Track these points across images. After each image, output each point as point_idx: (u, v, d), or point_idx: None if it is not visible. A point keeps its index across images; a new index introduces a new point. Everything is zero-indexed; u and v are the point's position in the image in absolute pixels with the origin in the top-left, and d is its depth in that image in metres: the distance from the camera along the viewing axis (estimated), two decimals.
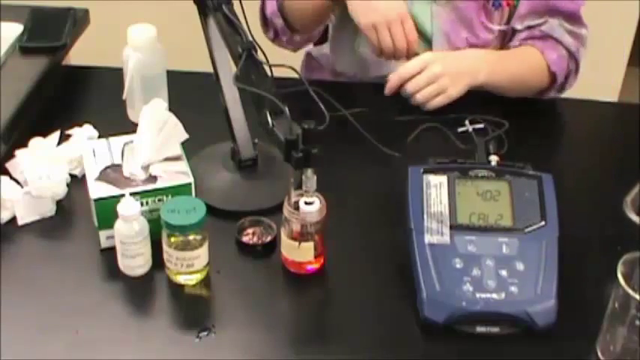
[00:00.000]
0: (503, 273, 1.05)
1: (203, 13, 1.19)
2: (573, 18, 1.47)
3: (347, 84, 1.55)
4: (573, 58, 1.46)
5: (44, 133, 1.28)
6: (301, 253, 1.10)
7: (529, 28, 1.45)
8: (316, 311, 1.10)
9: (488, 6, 1.42)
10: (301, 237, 1.09)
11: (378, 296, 1.10)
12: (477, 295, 1.03)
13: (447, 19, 1.42)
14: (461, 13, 1.42)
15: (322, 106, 1.04)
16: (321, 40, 1.65)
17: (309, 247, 1.09)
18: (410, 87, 1.36)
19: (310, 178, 1.04)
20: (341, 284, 1.12)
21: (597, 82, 2.40)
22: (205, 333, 1.04)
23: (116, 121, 1.36)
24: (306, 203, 1.06)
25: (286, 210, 1.08)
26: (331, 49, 1.60)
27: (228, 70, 1.23)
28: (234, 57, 1.14)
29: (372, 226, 1.19)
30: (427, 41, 1.44)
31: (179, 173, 1.16)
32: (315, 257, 1.10)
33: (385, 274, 1.13)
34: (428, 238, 1.09)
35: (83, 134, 1.30)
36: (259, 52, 1.12)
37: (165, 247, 1.09)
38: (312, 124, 1.01)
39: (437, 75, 1.35)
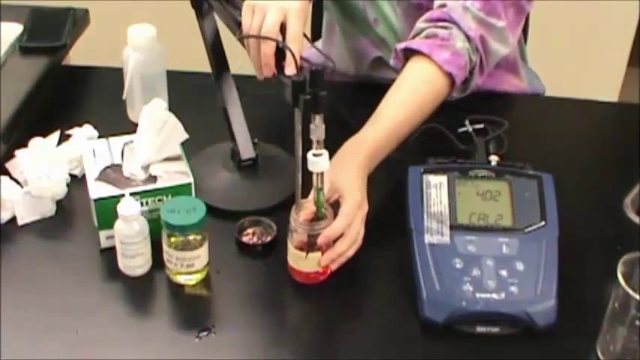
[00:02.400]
0: (503, 273, 1.05)
1: (200, 15, 1.19)
2: (488, 4, 1.27)
3: (346, 84, 1.55)
4: (476, 49, 1.27)
5: (44, 133, 1.28)
6: (308, 264, 1.09)
7: (440, 7, 1.30)
8: (316, 311, 1.10)
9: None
10: (309, 247, 1.08)
11: (378, 296, 1.10)
12: (477, 295, 1.03)
13: (409, 15, 1.40)
14: (416, 8, 1.39)
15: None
16: (314, 38, 1.64)
17: (316, 257, 1.08)
18: (336, 251, 1.09)
19: (319, 126, 1.01)
20: (341, 284, 1.12)
21: (597, 82, 2.41)
22: (205, 333, 1.04)
23: (116, 121, 1.36)
24: (314, 155, 1.03)
25: (293, 220, 1.08)
26: (323, 44, 1.60)
27: (227, 70, 1.23)
28: (236, 27, 1.13)
29: (372, 226, 1.19)
30: (397, 37, 1.43)
31: (179, 173, 1.16)
32: (323, 267, 1.10)
33: (385, 274, 1.13)
34: (428, 238, 1.09)
35: (83, 134, 1.30)
36: None
37: (165, 247, 1.09)
38: (320, 66, 0.98)
39: (358, 233, 1.12)
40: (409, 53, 1.28)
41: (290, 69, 1.05)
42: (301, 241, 1.08)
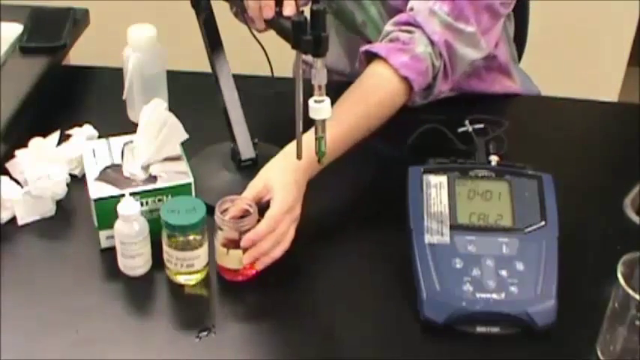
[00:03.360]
0: (503, 273, 1.05)
1: (199, 13, 1.19)
2: (457, 8, 1.24)
3: (346, 83, 1.55)
4: (439, 54, 1.24)
5: (44, 133, 1.28)
6: (230, 260, 1.09)
7: (409, 10, 1.29)
8: (316, 311, 1.10)
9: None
10: (231, 244, 1.08)
11: (378, 296, 1.10)
12: (477, 295, 1.03)
13: (391, 17, 1.39)
14: (397, 11, 1.37)
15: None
16: None
17: (237, 254, 1.08)
18: (257, 250, 1.08)
19: (320, 70, 0.99)
20: (341, 284, 1.12)
21: (597, 82, 2.41)
22: (205, 333, 1.04)
23: (116, 121, 1.36)
24: (315, 102, 1.00)
25: (217, 218, 1.08)
26: None
27: (227, 70, 1.23)
28: None
29: (372, 227, 1.19)
30: None
31: (179, 173, 1.16)
32: (246, 265, 1.09)
33: (385, 274, 1.13)
34: (428, 238, 1.09)
35: (83, 134, 1.30)
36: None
37: (165, 247, 1.09)
38: (322, 5, 0.96)
39: (284, 235, 1.10)
40: (370, 56, 1.27)
41: (289, 9, 1.03)
42: (226, 238, 1.08)
